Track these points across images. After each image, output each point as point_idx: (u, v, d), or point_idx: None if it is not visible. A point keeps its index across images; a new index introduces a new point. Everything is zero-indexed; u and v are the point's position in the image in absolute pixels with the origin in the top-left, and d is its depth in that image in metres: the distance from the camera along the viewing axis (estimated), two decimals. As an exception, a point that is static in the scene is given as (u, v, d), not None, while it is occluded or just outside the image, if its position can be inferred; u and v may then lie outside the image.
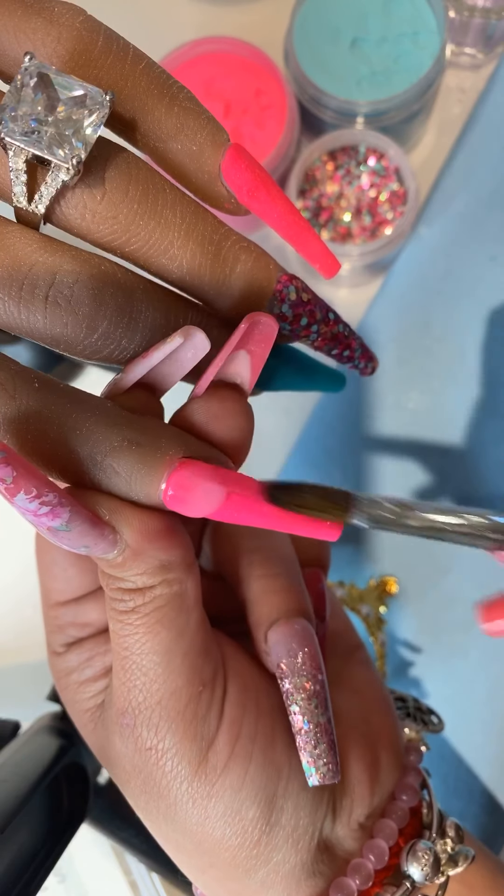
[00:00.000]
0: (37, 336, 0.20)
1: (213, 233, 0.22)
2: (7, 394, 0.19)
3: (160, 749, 0.23)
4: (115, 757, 0.25)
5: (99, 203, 0.20)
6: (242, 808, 0.23)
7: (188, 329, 0.20)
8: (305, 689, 0.24)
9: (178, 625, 0.23)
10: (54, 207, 0.20)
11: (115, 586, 0.22)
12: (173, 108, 0.21)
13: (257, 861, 0.24)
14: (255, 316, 0.21)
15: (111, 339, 0.21)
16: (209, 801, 0.23)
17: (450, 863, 0.25)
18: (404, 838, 0.26)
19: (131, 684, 0.23)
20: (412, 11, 0.53)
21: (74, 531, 0.19)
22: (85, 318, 0.20)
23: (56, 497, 0.18)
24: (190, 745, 0.23)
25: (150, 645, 0.22)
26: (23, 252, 0.19)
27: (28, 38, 0.20)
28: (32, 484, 0.18)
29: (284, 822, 0.24)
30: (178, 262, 0.21)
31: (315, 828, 0.25)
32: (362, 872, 0.25)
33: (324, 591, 0.29)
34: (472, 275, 0.56)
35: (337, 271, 0.23)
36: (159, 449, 0.20)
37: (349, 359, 0.25)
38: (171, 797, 0.23)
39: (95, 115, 0.19)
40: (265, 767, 0.24)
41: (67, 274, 0.20)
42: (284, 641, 0.25)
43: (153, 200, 0.20)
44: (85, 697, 0.26)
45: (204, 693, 0.23)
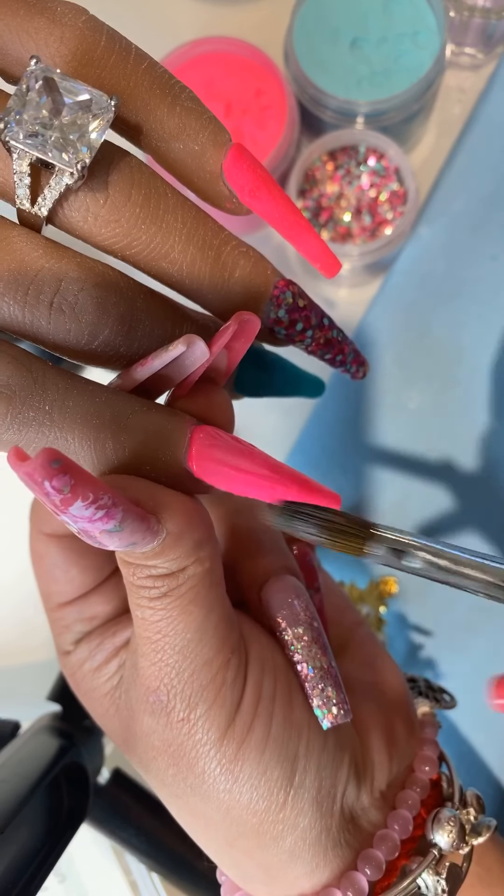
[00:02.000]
0: (39, 340, 0.20)
1: (214, 238, 0.22)
2: (23, 367, 0.19)
3: (191, 719, 0.23)
4: (142, 735, 0.25)
5: (102, 207, 0.20)
6: (268, 770, 0.24)
7: (190, 337, 0.20)
8: (303, 636, 0.26)
9: (210, 600, 0.23)
10: (57, 210, 0.20)
11: (145, 574, 0.22)
12: (175, 108, 0.21)
13: (284, 826, 0.24)
14: (241, 315, 0.22)
15: (110, 346, 0.21)
16: (236, 764, 0.24)
17: (473, 832, 0.26)
18: (426, 809, 0.26)
19: (164, 663, 0.23)
20: (412, 11, 0.53)
21: (126, 530, 0.19)
22: (88, 325, 0.20)
23: (110, 498, 0.18)
24: (219, 711, 0.23)
25: (184, 625, 0.23)
26: (29, 257, 0.20)
27: (31, 37, 0.20)
28: (90, 489, 0.17)
29: (308, 784, 0.24)
30: (179, 266, 0.21)
31: (338, 791, 0.25)
32: (388, 843, 0.25)
33: (314, 565, 0.30)
34: (472, 275, 0.56)
35: (338, 271, 0.23)
36: (176, 414, 0.21)
37: (341, 363, 0.25)
38: (199, 766, 0.24)
39: (100, 119, 0.19)
40: (286, 727, 0.24)
41: (73, 281, 0.20)
42: (277, 596, 0.26)
43: (155, 205, 0.21)
44: (101, 682, 0.27)
45: (233, 659, 0.24)
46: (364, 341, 0.56)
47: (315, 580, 0.30)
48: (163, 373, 0.22)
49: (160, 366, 0.21)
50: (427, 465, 0.55)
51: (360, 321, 0.57)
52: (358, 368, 0.26)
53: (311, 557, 0.30)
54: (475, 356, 0.55)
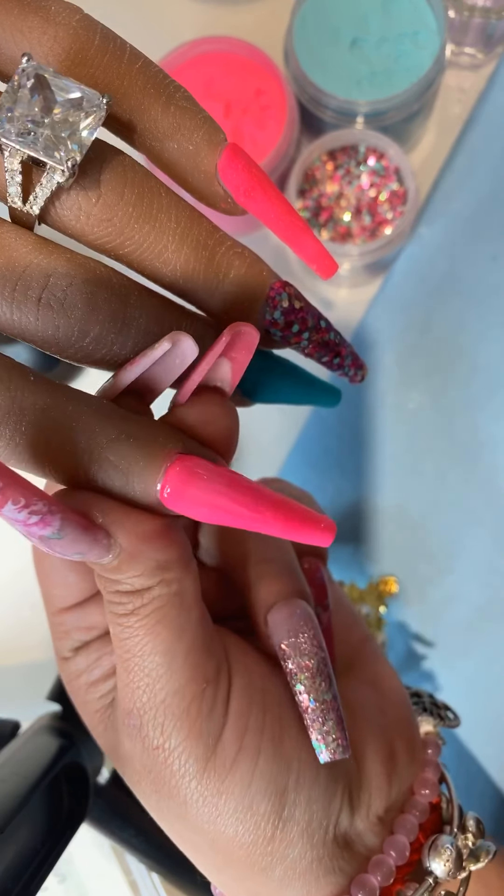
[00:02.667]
0: (28, 337, 0.20)
1: (208, 238, 0.22)
2: (2, 385, 0.19)
3: (167, 748, 0.23)
4: (125, 757, 0.25)
5: (94, 205, 0.20)
6: (254, 804, 0.23)
7: (175, 334, 0.20)
8: (308, 667, 0.25)
9: (178, 624, 0.22)
10: (49, 208, 0.20)
11: (112, 589, 0.22)
12: (170, 108, 0.21)
13: (273, 858, 0.24)
14: (237, 326, 0.21)
15: (103, 343, 0.21)
16: (220, 797, 0.23)
17: (471, 858, 0.25)
18: (424, 833, 0.26)
19: (135, 685, 0.23)
20: (412, 11, 0.53)
21: (67, 538, 0.19)
22: (78, 321, 0.20)
23: (45, 505, 0.18)
24: (196, 742, 0.23)
25: (151, 646, 0.22)
26: (17, 253, 0.19)
27: (24, 36, 0.20)
28: (20, 493, 0.17)
29: (298, 817, 0.24)
30: (172, 266, 0.21)
31: (330, 821, 0.24)
32: (383, 868, 0.24)
33: (324, 580, 0.29)
34: (472, 275, 0.56)
35: (334, 272, 0.23)
36: (156, 442, 0.20)
37: (339, 366, 0.25)
38: (181, 796, 0.23)
39: (92, 117, 0.19)
40: (275, 761, 0.24)
41: (61, 277, 0.20)
42: (284, 622, 0.25)
43: (148, 204, 0.20)
44: (94, 698, 0.26)
45: (208, 690, 0.23)
46: (364, 341, 0.56)
47: (325, 598, 0.29)
48: (154, 373, 0.22)
49: (148, 364, 0.21)
50: (427, 465, 0.55)
51: (359, 321, 0.57)
52: (356, 372, 0.26)
53: (321, 574, 0.29)
54: (475, 356, 0.55)
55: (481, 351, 0.55)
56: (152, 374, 0.22)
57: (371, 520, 0.55)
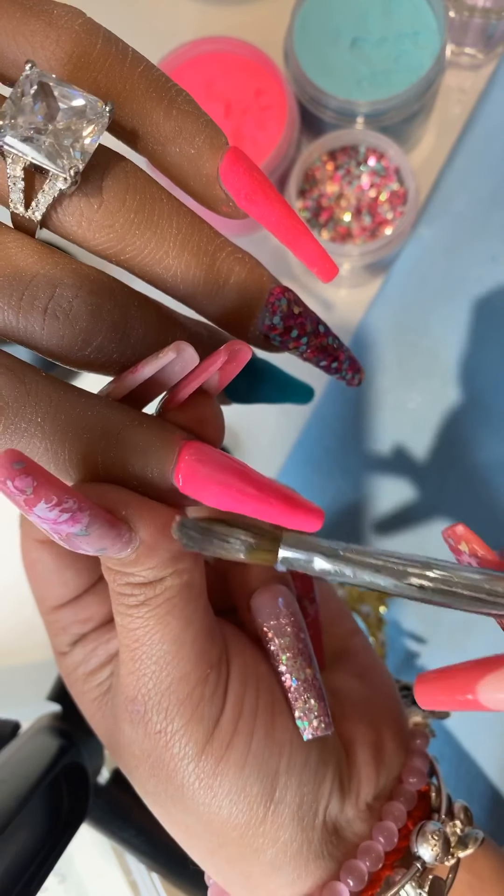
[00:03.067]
0: (33, 346, 0.20)
1: (209, 244, 0.22)
2: (17, 378, 0.19)
3: (169, 731, 0.24)
4: (124, 743, 0.25)
5: (96, 211, 0.20)
6: (247, 785, 0.24)
7: (179, 344, 0.20)
8: (289, 647, 0.26)
9: (187, 613, 0.23)
10: (51, 214, 0.20)
11: (123, 582, 0.22)
12: (172, 112, 0.21)
13: (265, 840, 0.24)
14: (234, 345, 0.22)
15: (104, 352, 0.21)
16: (215, 779, 0.24)
17: (459, 845, 0.26)
18: (413, 821, 0.27)
19: (141, 673, 0.23)
20: (412, 11, 0.53)
21: (93, 535, 0.19)
22: (82, 332, 0.20)
23: (76, 502, 0.18)
24: (197, 725, 0.24)
25: (160, 635, 0.23)
26: (24, 262, 0.20)
27: (27, 40, 0.20)
28: (53, 492, 0.18)
29: (289, 800, 0.24)
30: (173, 272, 0.21)
31: (320, 805, 0.25)
32: (372, 854, 0.25)
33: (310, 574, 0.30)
34: (472, 275, 0.56)
35: (335, 275, 0.23)
36: (167, 429, 0.21)
37: (337, 370, 0.25)
38: (178, 778, 0.24)
39: (94, 125, 0.19)
40: (267, 743, 0.24)
41: (68, 288, 0.20)
42: (265, 605, 0.26)
43: (150, 210, 0.21)
44: (92, 686, 0.27)
45: (211, 675, 0.24)
46: (364, 341, 0.56)
47: (311, 590, 0.30)
48: (154, 379, 0.22)
49: (151, 373, 0.21)
50: (427, 465, 0.55)
51: (359, 321, 0.57)
52: (353, 376, 0.26)
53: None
54: (475, 356, 0.55)
55: (481, 351, 0.55)
56: (152, 380, 0.22)
57: (371, 520, 0.55)
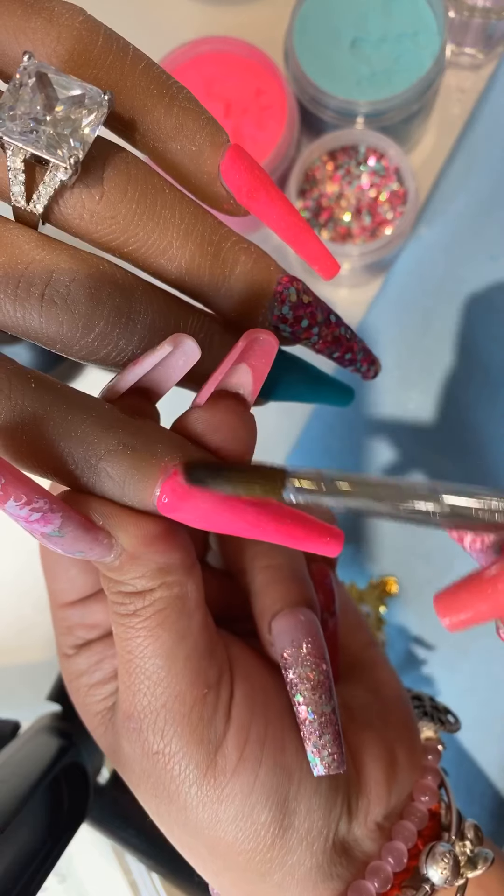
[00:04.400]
0: (32, 335, 0.20)
1: (213, 234, 0.21)
2: (2, 394, 0.19)
3: (167, 753, 0.23)
4: (125, 760, 0.24)
5: (97, 203, 0.20)
6: (254, 812, 0.23)
7: (177, 336, 0.20)
8: (309, 678, 0.24)
9: (179, 628, 0.22)
10: (53, 207, 0.20)
11: (115, 590, 0.22)
12: (172, 109, 0.21)
13: (272, 865, 0.24)
14: (254, 333, 0.21)
15: (108, 339, 0.20)
16: (219, 804, 0.23)
17: (469, 865, 0.25)
18: (423, 840, 0.26)
19: (135, 688, 0.23)
20: (412, 11, 0.53)
21: (68, 537, 0.19)
22: (81, 317, 0.20)
23: (47, 503, 0.18)
24: (197, 748, 0.23)
25: (151, 648, 0.22)
26: (20, 250, 0.19)
27: (28, 37, 0.20)
28: (22, 491, 0.18)
29: (298, 825, 0.24)
30: (177, 263, 0.21)
31: (330, 829, 0.24)
32: (381, 875, 0.24)
33: (332, 586, 0.29)
34: (472, 275, 0.56)
35: (336, 273, 0.23)
36: (155, 455, 0.20)
37: (351, 362, 0.25)
38: (180, 800, 0.23)
39: (94, 115, 0.19)
40: (275, 771, 0.23)
41: (64, 272, 0.20)
42: (288, 631, 0.24)
43: (152, 201, 0.20)
44: (95, 700, 0.26)
45: (209, 696, 0.23)
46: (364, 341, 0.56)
47: (332, 603, 0.28)
48: (158, 373, 0.21)
49: (149, 367, 0.21)
50: (427, 465, 0.55)
51: (360, 321, 0.57)
52: (369, 367, 0.25)
53: (329, 579, 0.29)
54: (475, 356, 0.55)
55: (481, 351, 0.55)
56: (156, 375, 0.21)
57: (371, 520, 0.55)
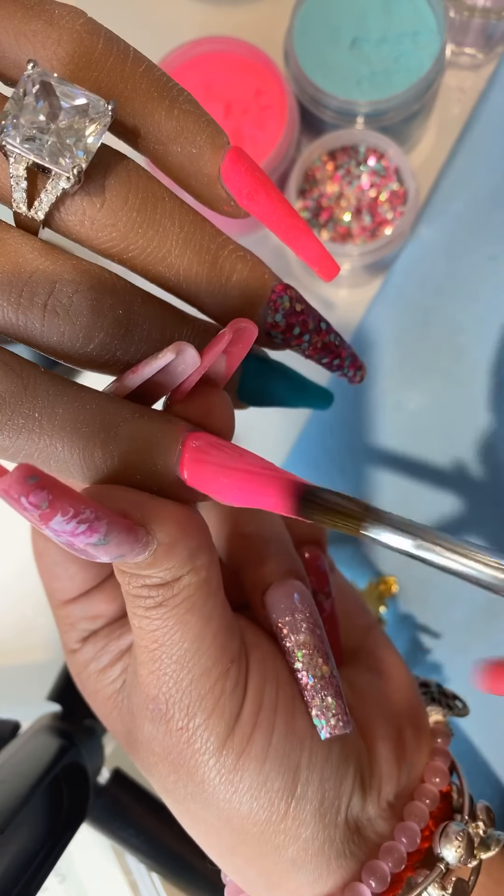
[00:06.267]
0: (33, 343, 0.20)
1: (211, 242, 0.22)
2: (13, 373, 0.19)
3: (191, 728, 0.23)
4: (143, 741, 0.25)
5: (98, 211, 0.20)
6: (268, 780, 0.24)
7: (179, 345, 0.20)
8: (305, 643, 0.25)
9: (207, 610, 0.23)
10: (54, 214, 0.20)
11: (140, 584, 0.22)
12: (173, 111, 0.21)
13: (286, 836, 0.24)
14: (238, 323, 0.21)
15: (106, 350, 0.21)
16: (236, 774, 0.23)
17: (482, 846, 0.26)
18: (434, 821, 0.26)
19: (161, 672, 0.23)
20: (412, 11, 0.53)
21: (111, 543, 0.19)
22: (83, 328, 0.20)
23: (93, 512, 0.18)
24: (218, 720, 0.23)
25: (180, 634, 0.23)
26: (23, 259, 0.20)
27: (28, 40, 0.20)
28: (69, 504, 0.17)
29: (311, 795, 0.24)
30: (176, 271, 0.21)
31: (342, 802, 0.25)
32: (395, 855, 0.25)
33: (324, 568, 0.30)
34: (472, 275, 0.56)
35: (336, 274, 0.23)
36: (169, 420, 0.21)
37: (339, 367, 0.25)
38: (199, 774, 0.24)
39: (97, 124, 0.19)
40: (288, 737, 0.24)
41: (67, 283, 0.20)
42: (280, 601, 0.26)
43: (152, 209, 0.21)
44: (105, 684, 0.27)
45: (232, 669, 0.24)
46: (364, 342, 0.56)
47: (326, 585, 0.29)
48: (156, 380, 0.22)
49: (150, 373, 0.21)
50: (427, 465, 0.55)
51: (359, 321, 0.57)
52: (355, 373, 0.26)
53: (321, 561, 0.30)
54: (475, 356, 0.55)
55: (481, 351, 0.55)
56: (154, 381, 0.22)
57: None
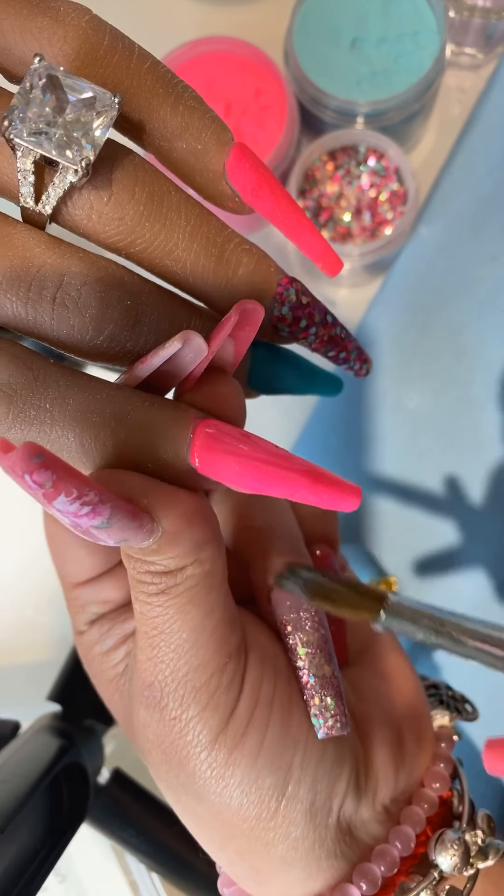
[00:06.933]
0: (42, 337, 0.20)
1: (217, 235, 0.22)
2: (24, 365, 0.19)
3: (184, 719, 0.23)
4: (138, 727, 0.25)
5: (105, 204, 0.20)
6: (259, 777, 0.23)
7: (186, 334, 0.20)
8: (308, 642, 0.25)
9: (208, 603, 0.23)
10: (61, 208, 0.20)
11: (144, 570, 0.22)
12: (178, 107, 0.21)
13: (276, 834, 0.24)
14: (244, 304, 0.21)
15: (116, 341, 0.21)
16: (227, 769, 0.23)
17: (480, 855, 0.25)
18: (432, 827, 0.26)
19: (158, 659, 0.23)
20: (412, 11, 0.53)
21: (115, 527, 0.19)
22: (92, 320, 0.20)
23: (97, 495, 0.18)
24: (212, 714, 0.23)
25: (179, 624, 0.23)
26: (31, 253, 0.19)
27: (34, 36, 0.20)
28: (73, 485, 0.17)
29: (302, 795, 0.24)
30: (182, 264, 0.21)
31: (334, 804, 0.25)
32: (387, 858, 0.25)
33: (335, 568, 0.29)
34: (472, 275, 0.56)
35: (340, 270, 0.23)
36: (179, 408, 0.21)
37: (345, 360, 0.25)
38: (190, 766, 0.24)
39: (104, 117, 0.19)
40: (282, 736, 0.24)
41: (75, 276, 0.20)
42: (285, 598, 0.26)
43: (159, 203, 0.21)
44: (109, 667, 0.27)
45: (229, 664, 0.24)
46: (364, 341, 0.56)
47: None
48: (165, 370, 0.22)
49: (158, 363, 0.21)
50: (427, 465, 0.55)
51: (360, 321, 0.57)
52: (361, 366, 0.26)
53: (332, 561, 0.29)
54: (475, 356, 0.55)
55: (481, 351, 0.55)
56: (163, 371, 0.22)
57: (371, 520, 0.55)
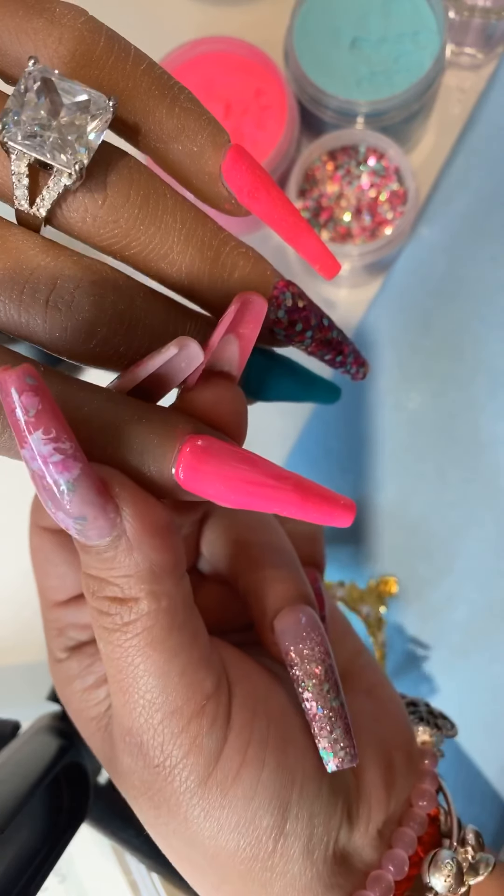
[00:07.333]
0: (35, 340, 0.20)
1: (213, 238, 0.22)
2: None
3: (168, 765, 0.22)
4: (123, 773, 0.24)
5: (100, 207, 0.20)
6: (256, 818, 0.23)
7: (182, 339, 0.20)
8: (316, 674, 0.24)
9: (170, 645, 0.22)
10: (56, 211, 0.20)
11: (100, 594, 0.21)
12: (174, 109, 0.21)
13: (273, 873, 0.23)
14: (245, 295, 0.21)
15: (109, 345, 0.21)
16: (221, 811, 0.22)
17: (470, 871, 0.25)
18: (423, 847, 0.25)
19: (132, 706, 0.22)
20: (412, 11, 0.53)
21: (77, 494, 0.18)
22: (84, 323, 0.20)
23: (72, 448, 0.18)
24: (197, 758, 0.22)
25: (143, 667, 0.22)
26: (25, 255, 0.19)
27: (29, 38, 0.20)
28: (53, 424, 0.17)
29: (300, 832, 0.23)
30: (178, 267, 0.21)
31: (331, 837, 0.24)
32: (382, 884, 0.24)
33: (321, 590, 0.29)
34: (472, 275, 0.56)
35: (337, 272, 0.23)
36: (169, 423, 0.20)
37: (341, 364, 0.25)
38: (181, 812, 0.23)
39: (98, 120, 0.19)
40: (278, 773, 0.23)
41: (69, 279, 0.20)
42: (291, 628, 0.25)
43: (154, 205, 0.21)
44: (90, 705, 0.26)
45: (208, 706, 0.23)
46: (364, 341, 0.56)
47: (322, 608, 0.28)
48: (161, 375, 0.22)
49: (153, 368, 0.21)
50: (427, 465, 0.55)
51: (360, 321, 0.57)
52: (358, 369, 0.26)
53: (319, 584, 0.29)
54: (475, 356, 0.55)
55: (481, 351, 0.55)
56: (158, 376, 0.22)
57: (371, 520, 0.55)
